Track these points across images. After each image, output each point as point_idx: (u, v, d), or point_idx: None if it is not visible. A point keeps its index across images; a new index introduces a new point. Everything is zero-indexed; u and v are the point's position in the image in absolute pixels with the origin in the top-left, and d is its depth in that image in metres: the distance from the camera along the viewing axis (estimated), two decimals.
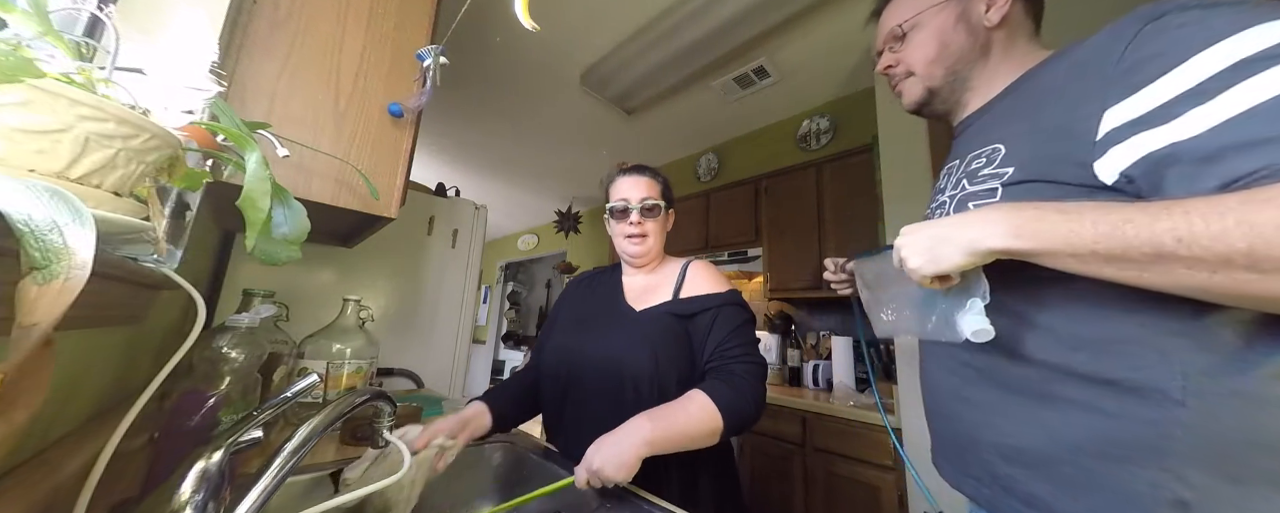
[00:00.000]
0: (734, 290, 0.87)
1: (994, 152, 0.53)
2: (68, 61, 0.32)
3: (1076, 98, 0.46)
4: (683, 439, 0.66)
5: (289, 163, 0.69)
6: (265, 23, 0.75)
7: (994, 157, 0.53)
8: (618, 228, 0.92)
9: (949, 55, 0.61)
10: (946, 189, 0.62)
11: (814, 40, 2.04)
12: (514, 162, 3.65)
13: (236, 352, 0.67)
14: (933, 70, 0.63)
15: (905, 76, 0.66)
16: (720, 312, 0.82)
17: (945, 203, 0.60)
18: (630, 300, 0.91)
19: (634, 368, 0.79)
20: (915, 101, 0.66)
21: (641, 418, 0.66)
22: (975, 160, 0.56)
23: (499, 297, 5.92)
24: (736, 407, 0.70)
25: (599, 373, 0.82)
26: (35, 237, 0.21)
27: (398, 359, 1.57)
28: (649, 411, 0.68)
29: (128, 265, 0.39)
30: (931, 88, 0.64)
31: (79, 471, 0.39)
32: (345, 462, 0.75)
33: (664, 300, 0.86)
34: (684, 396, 0.71)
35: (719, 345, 0.79)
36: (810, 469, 1.72)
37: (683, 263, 0.92)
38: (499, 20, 1.87)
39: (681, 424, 0.66)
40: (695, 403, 0.69)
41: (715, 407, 0.68)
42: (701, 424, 0.67)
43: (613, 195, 0.93)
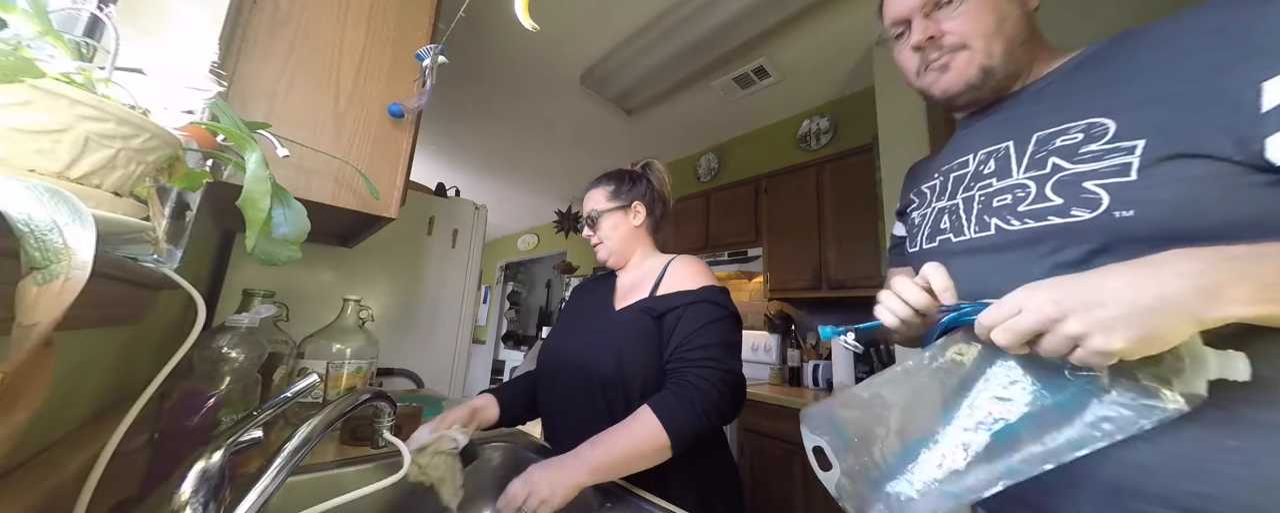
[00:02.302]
0: (711, 287, 0.81)
1: (1093, 127, 0.44)
2: (68, 61, 0.32)
3: (1216, 66, 0.39)
4: (626, 464, 0.65)
5: (289, 163, 0.69)
6: (265, 23, 0.75)
7: (1098, 131, 0.44)
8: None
9: (1007, 30, 0.53)
10: (972, 182, 0.53)
11: (814, 40, 2.04)
12: (514, 162, 3.65)
13: (236, 352, 0.67)
14: (993, 46, 0.53)
15: (955, 49, 0.54)
16: (687, 309, 0.77)
17: (990, 197, 0.50)
18: (616, 300, 0.90)
19: (598, 368, 0.78)
20: (966, 82, 0.54)
21: (585, 447, 0.65)
22: (1056, 139, 0.47)
23: (499, 297, 5.92)
24: (682, 421, 0.66)
25: (568, 373, 0.83)
26: (35, 237, 0.21)
27: (398, 359, 1.57)
28: (595, 437, 0.66)
29: (128, 265, 0.39)
30: (988, 66, 0.53)
31: (79, 471, 0.39)
32: (345, 462, 0.75)
33: (641, 298, 0.84)
34: (632, 414, 0.68)
35: (679, 346, 0.75)
36: (811, 469, 1.72)
37: (667, 259, 0.89)
38: (499, 20, 1.87)
39: (623, 449, 0.65)
40: (639, 422, 0.66)
41: (660, 425, 0.65)
42: (645, 444, 0.65)
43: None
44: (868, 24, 1.91)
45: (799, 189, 2.32)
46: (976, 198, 0.53)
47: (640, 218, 0.94)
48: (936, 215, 0.59)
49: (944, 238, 0.56)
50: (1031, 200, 0.47)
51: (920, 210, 0.63)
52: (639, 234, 0.94)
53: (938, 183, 0.61)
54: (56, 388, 0.41)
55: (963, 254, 0.53)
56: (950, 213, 0.56)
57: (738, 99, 2.55)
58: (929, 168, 0.68)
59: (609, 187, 0.95)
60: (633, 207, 0.94)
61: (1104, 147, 0.43)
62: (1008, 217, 0.48)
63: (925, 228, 0.60)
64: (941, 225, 0.57)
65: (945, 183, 0.59)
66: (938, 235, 0.57)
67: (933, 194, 0.61)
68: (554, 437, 0.89)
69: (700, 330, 0.75)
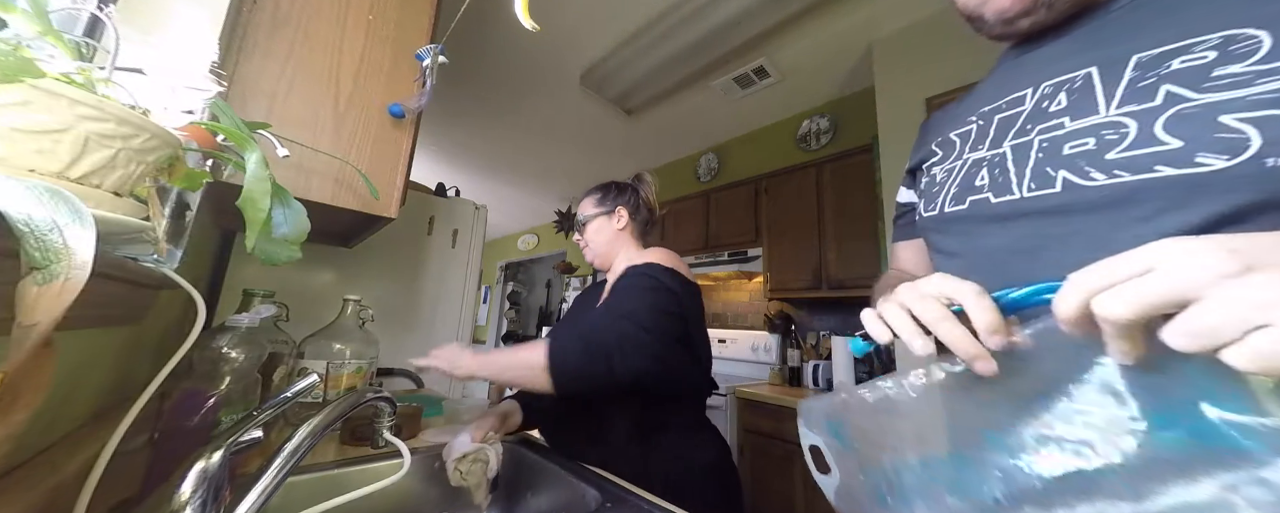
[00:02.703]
0: (652, 263, 0.84)
1: (1233, 40, 0.32)
2: (68, 61, 0.32)
3: None
4: (503, 370, 0.74)
5: (289, 163, 0.69)
6: (265, 23, 0.75)
7: (1244, 47, 0.31)
8: None
9: None
10: (1028, 124, 0.41)
11: (814, 40, 2.04)
12: (514, 162, 3.65)
13: (236, 352, 0.67)
14: None
15: None
16: (621, 282, 0.84)
17: (1058, 142, 0.38)
18: (600, 300, 0.95)
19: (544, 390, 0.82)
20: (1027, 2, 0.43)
21: (493, 350, 0.77)
22: (1172, 60, 0.34)
23: (499, 297, 5.92)
24: (565, 352, 0.70)
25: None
26: (35, 237, 0.20)
27: (398, 359, 1.57)
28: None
29: (128, 265, 0.39)
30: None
31: (79, 471, 0.39)
32: (345, 462, 0.75)
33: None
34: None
35: (601, 310, 0.80)
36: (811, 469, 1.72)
37: (643, 255, 0.92)
38: (499, 20, 1.87)
39: (508, 359, 0.75)
40: (535, 346, 0.72)
41: (544, 350, 0.70)
42: (525, 360, 0.71)
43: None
44: (868, 24, 1.91)
45: (799, 189, 2.32)
46: (1037, 144, 0.40)
47: (623, 222, 0.99)
48: (970, 168, 0.46)
49: (979, 198, 0.44)
50: (1129, 143, 0.34)
51: (945, 164, 0.50)
52: (622, 237, 0.98)
53: (974, 127, 0.48)
54: (56, 388, 0.41)
55: (1007, 221, 0.41)
56: (993, 165, 0.43)
57: (738, 99, 2.55)
58: (959, 112, 0.54)
59: (596, 195, 1.02)
60: (616, 211, 0.99)
61: (1254, 67, 0.30)
62: (1086, 168, 0.36)
63: (951, 186, 0.47)
64: (978, 181, 0.44)
65: (987, 127, 0.46)
66: (969, 195, 0.45)
67: (964, 142, 0.49)
68: (552, 438, 0.89)
69: (623, 294, 0.80)
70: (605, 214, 0.99)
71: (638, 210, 1.00)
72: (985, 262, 0.42)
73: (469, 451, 0.72)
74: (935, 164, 0.53)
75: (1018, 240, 0.40)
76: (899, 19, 1.85)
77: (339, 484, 0.72)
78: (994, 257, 0.41)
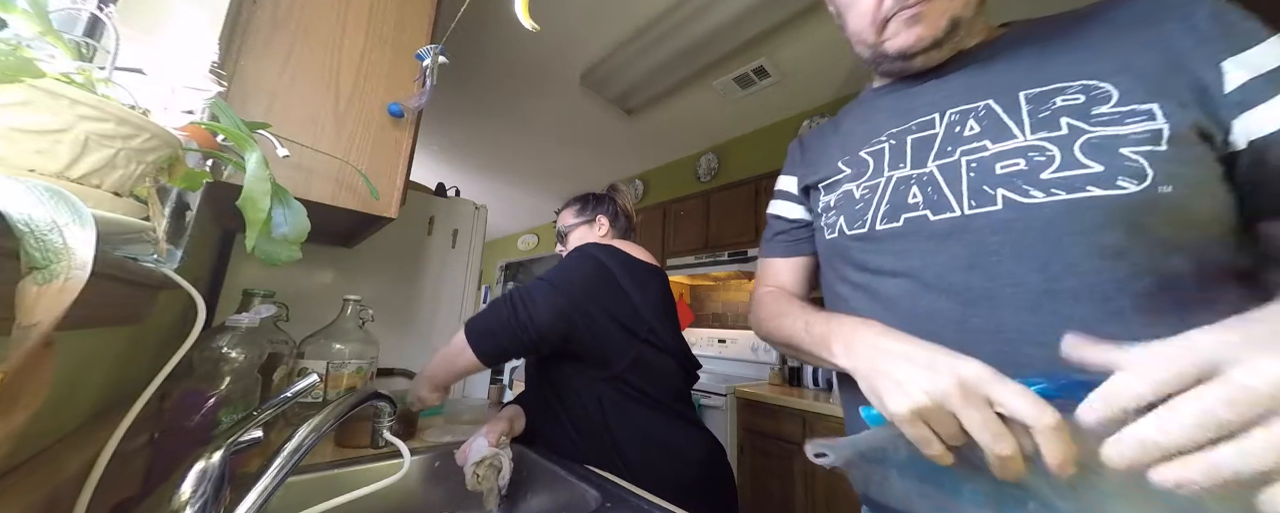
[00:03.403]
0: (592, 242, 0.90)
1: (1091, 89, 0.40)
2: (68, 61, 0.32)
3: (1179, 45, 0.38)
4: (444, 363, 0.78)
5: (289, 163, 0.69)
6: (265, 23, 0.75)
7: (1099, 94, 0.39)
8: None
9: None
10: (949, 146, 0.45)
11: (814, 40, 2.04)
12: (514, 162, 3.65)
13: (236, 352, 0.67)
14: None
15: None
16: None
17: (988, 162, 0.42)
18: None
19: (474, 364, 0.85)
20: (934, 36, 0.48)
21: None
22: (1054, 98, 0.41)
23: None
24: (478, 319, 0.75)
25: (529, 372, 0.95)
26: (35, 237, 0.20)
27: (398, 359, 1.57)
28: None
29: (128, 265, 0.39)
30: (957, 19, 0.47)
31: (79, 471, 0.39)
32: (345, 462, 0.75)
33: None
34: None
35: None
36: (810, 469, 1.72)
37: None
38: (499, 20, 1.87)
39: (440, 356, 0.79)
40: (456, 334, 0.76)
41: (464, 328, 0.75)
42: (453, 343, 0.76)
43: None
44: None
45: None
46: (965, 164, 0.44)
47: (603, 229, 1.03)
48: (898, 186, 0.48)
49: (915, 216, 0.46)
50: (1058, 165, 0.38)
51: (863, 182, 0.52)
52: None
53: (886, 147, 0.51)
54: (56, 388, 0.41)
55: (948, 237, 0.43)
56: (923, 184, 0.46)
57: (738, 99, 2.55)
58: (847, 136, 0.59)
59: (575, 206, 1.06)
60: (596, 220, 1.03)
61: (1116, 109, 0.38)
62: (1024, 186, 0.40)
63: (881, 204, 0.49)
64: (910, 198, 0.47)
65: (901, 148, 0.50)
66: (903, 212, 0.47)
67: (879, 161, 0.51)
68: (536, 437, 0.90)
69: (551, 269, 0.84)
70: (586, 223, 1.03)
71: (616, 218, 1.04)
72: (933, 279, 0.44)
73: (486, 455, 0.74)
74: (846, 182, 0.55)
75: (959, 256, 0.43)
76: None
77: (339, 484, 0.72)
78: (941, 272, 0.43)
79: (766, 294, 0.65)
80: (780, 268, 0.68)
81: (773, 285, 0.67)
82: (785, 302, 0.60)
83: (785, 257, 0.67)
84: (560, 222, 1.06)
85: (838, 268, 0.55)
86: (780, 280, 0.67)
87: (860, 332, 0.43)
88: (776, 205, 0.69)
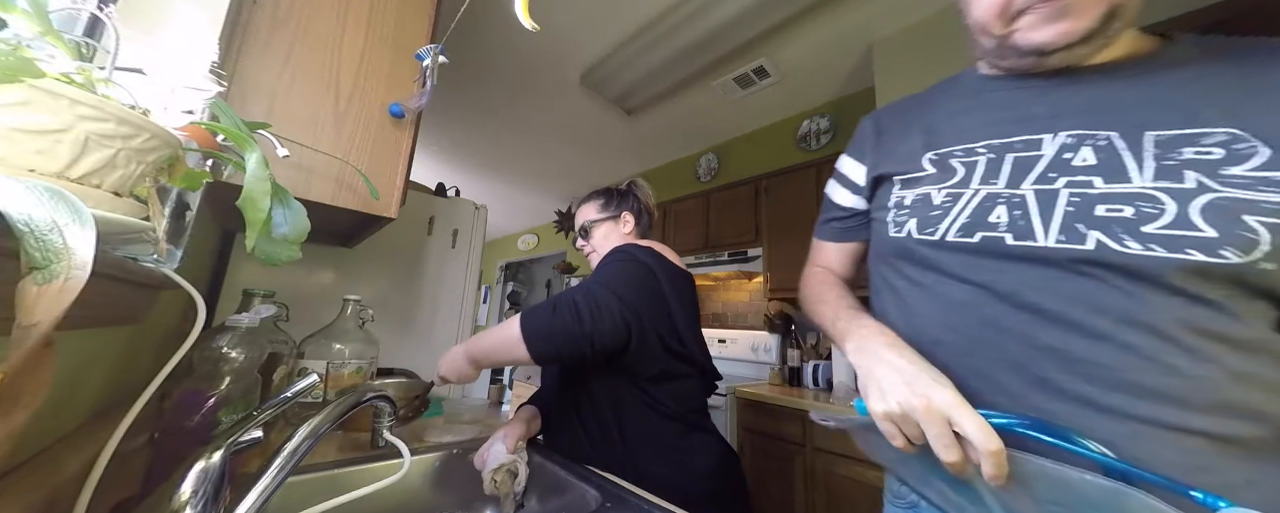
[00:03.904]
0: (624, 245, 0.88)
1: (1237, 141, 0.37)
2: (68, 61, 0.32)
3: None
4: (492, 348, 0.76)
5: (289, 163, 0.69)
6: (265, 22, 0.75)
7: (1244, 150, 0.36)
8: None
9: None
10: (1052, 172, 0.42)
11: (814, 40, 2.04)
12: (514, 162, 3.65)
13: (236, 352, 0.67)
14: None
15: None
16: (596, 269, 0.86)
17: (1090, 201, 0.40)
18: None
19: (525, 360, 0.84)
20: (1083, 30, 0.42)
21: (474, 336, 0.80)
22: (1184, 147, 0.38)
23: (499, 297, 5.92)
24: (533, 314, 0.73)
25: (551, 369, 0.95)
26: (35, 237, 0.20)
27: (398, 359, 1.57)
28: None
29: (128, 265, 0.39)
30: (1115, 8, 0.41)
31: (79, 471, 0.39)
32: (345, 462, 0.75)
33: None
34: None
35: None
36: (810, 469, 1.72)
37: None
38: (499, 20, 1.87)
39: (492, 337, 0.77)
40: (509, 320, 0.75)
41: (517, 319, 0.73)
42: (506, 332, 0.74)
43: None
44: (868, 24, 1.91)
45: (799, 189, 2.32)
46: (1065, 196, 0.41)
47: (629, 227, 1.00)
48: (984, 202, 0.45)
49: (993, 236, 0.44)
50: (1167, 222, 0.36)
51: (947, 188, 0.49)
52: (628, 241, 0.97)
53: (982, 160, 0.48)
54: (56, 388, 0.41)
55: (1026, 263, 0.42)
56: (1012, 205, 0.43)
57: (738, 99, 2.55)
58: (939, 126, 0.54)
59: (599, 200, 1.02)
60: (622, 217, 1.00)
61: (1255, 173, 0.35)
62: (1122, 235, 0.38)
63: (961, 216, 0.46)
64: (991, 217, 0.44)
65: (999, 162, 0.46)
66: (981, 230, 0.45)
67: (971, 172, 0.48)
68: (550, 443, 0.90)
69: (598, 270, 0.83)
70: (611, 219, 0.99)
71: (640, 214, 1.01)
72: (1006, 292, 0.44)
73: (504, 462, 0.75)
74: (927, 184, 0.51)
75: (1033, 278, 0.42)
76: (899, 19, 1.85)
77: (339, 484, 0.72)
78: (1015, 290, 0.43)
79: (813, 275, 0.68)
80: (829, 251, 0.69)
81: (821, 266, 0.70)
82: (827, 288, 0.64)
83: (835, 242, 0.68)
84: (581, 216, 1.02)
85: (896, 264, 0.54)
86: (830, 263, 0.69)
87: (873, 339, 0.47)
88: (834, 190, 0.67)
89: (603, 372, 0.80)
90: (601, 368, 0.79)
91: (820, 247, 0.71)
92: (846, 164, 0.65)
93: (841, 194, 0.66)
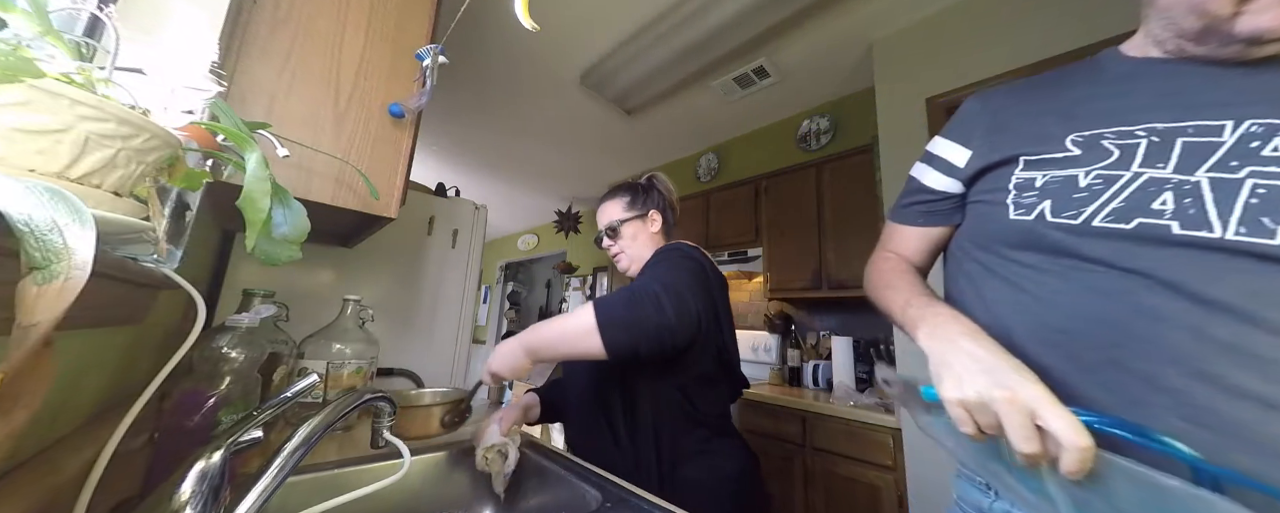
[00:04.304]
0: (676, 243, 0.88)
1: None
2: (68, 61, 0.32)
3: None
4: (557, 339, 0.71)
5: (289, 163, 0.69)
6: (265, 22, 0.75)
7: None
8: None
9: None
10: (1233, 161, 0.40)
11: (814, 40, 2.04)
12: (514, 162, 3.65)
13: (236, 352, 0.67)
14: None
15: None
16: (650, 262, 0.84)
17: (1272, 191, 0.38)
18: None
19: (602, 367, 0.82)
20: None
21: (529, 328, 0.75)
22: None
23: (499, 297, 5.92)
24: (609, 304, 0.69)
25: (578, 378, 0.91)
26: (35, 237, 0.20)
27: (398, 359, 1.57)
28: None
29: (128, 265, 0.39)
30: None
31: (79, 471, 0.39)
32: (345, 462, 0.75)
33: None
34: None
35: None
36: (810, 469, 1.72)
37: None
38: (499, 20, 1.87)
39: (557, 327, 0.72)
40: (579, 308, 0.71)
41: (591, 308, 0.69)
42: (576, 322, 0.69)
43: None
44: (868, 24, 1.91)
45: (799, 189, 2.32)
46: (1249, 186, 0.39)
47: (657, 225, 0.98)
48: (1144, 186, 0.43)
49: (1154, 223, 0.41)
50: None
51: (1091, 170, 0.46)
52: (657, 240, 0.97)
53: (1143, 142, 0.45)
54: (56, 388, 0.41)
55: (1195, 251, 0.40)
56: (1181, 193, 0.41)
57: (738, 99, 2.55)
58: (1080, 108, 0.51)
59: (625, 198, 0.98)
60: (649, 215, 0.97)
61: None
62: None
63: (1114, 199, 0.44)
64: (1155, 204, 0.42)
65: (1166, 147, 0.43)
66: (1139, 216, 0.42)
67: (1128, 154, 0.45)
68: (570, 440, 0.90)
69: (653, 266, 0.81)
70: (639, 218, 0.96)
71: (666, 211, 0.99)
72: (1170, 280, 0.41)
73: (496, 442, 0.77)
74: (1072, 165, 0.47)
75: (1205, 270, 0.39)
76: (899, 19, 1.85)
77: (339, 484, 0.72)
78: (1182, 280, 0.40)
79: (884, 261, 0.66)
80: (909, 237, 0.66)
81: (894, 252, 0.67)
82: (898, 275, 0.61)
83: (919, 226, 0.64)
84: (607, 215, 0.98)
85: (1005, 251, 0.52)
86: (905, 248, 0.66)
87: (948, 325, 0.46)
88: (925, 172, 0.63)
89: (653, 371, 0.78)
90: (654, 367, 0.76)
91: (897, 231, 0.68)
92: (942, 146, 0.62)
93: (933, 176, 0.62)
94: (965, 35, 1.65)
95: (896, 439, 1.52)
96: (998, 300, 0.52)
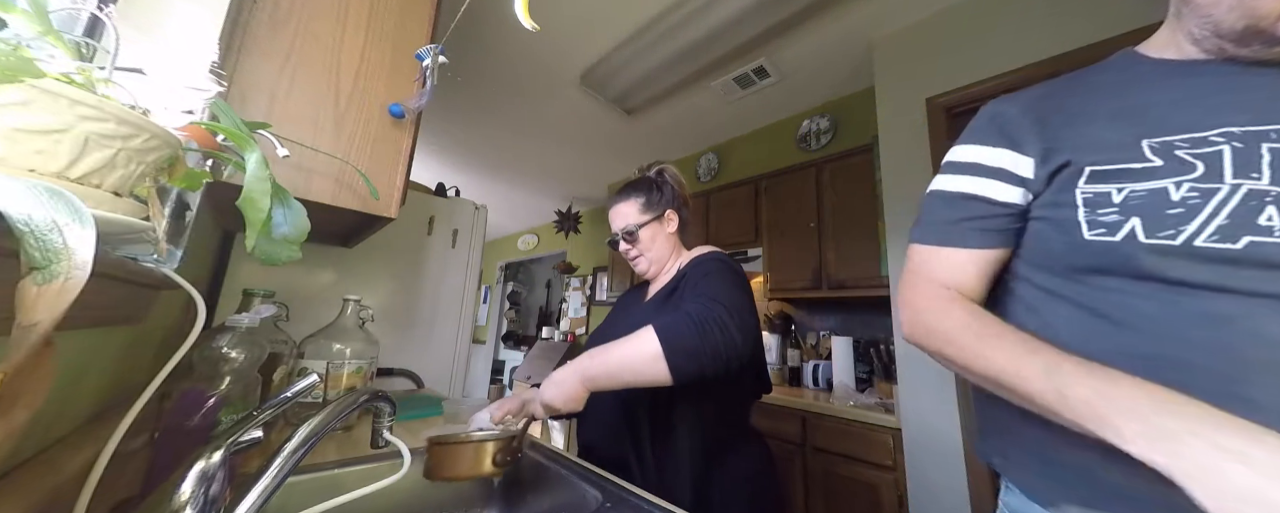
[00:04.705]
0: (709, 252, 0.85)
1: None
2: (68, 61, 0.32)
3: None
4: (619, 368, 0.66)
5: (289, 163, 0.69)
6: (265, 22, 0.75)
7: None
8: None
9: None
10: None
11: (814, 40, 2.04)
12: (514, 162, 3.65)
13: (236, 352, 0.67)
14: None
15: None
16: (688, 273, 0.81)
17: None
18: (646, 297, 0.94)
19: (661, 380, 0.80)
20: None
21: (583, 357, 0.69)
22: None
23: (499, 297, 5.92)
24: (675, 330, 0.65)
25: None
26: (35, 237, 0.20)
27: (398, 359, 1.57)
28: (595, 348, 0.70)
29: (128, 265, 0.39)
30: None
31: (79, 471, 0.39)
32: (345, 462, 0.75)
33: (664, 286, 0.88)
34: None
35: (686, 297, 0.76)
36: (810, 469, 1.72)
37: (693, 254, 0.90)
38: (499, 20, 1.87)
39: (617, 355, 0.67)
40: (637, 334, 0.67)
41: (654, 333, 0.65)
42: (638, 350, 0.65)
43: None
44: (868, 24, 1.91)
45: (799, 189, 2.32)
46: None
47: (674, 225, 0.95)
48: (1245, 200, 0.38)
49: (1265, 243, 0.37)
50: None
51: (1182, 182, 0.41)
52: (675, 240, 0.95)
53: (1225, 149, 0.41)
54: (56, 388, 0.41)
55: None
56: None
57: (738, 99, 2.55)
58: (1143, 112, 0.46)
59: (640, 198, 0.93)
60: (666, 215, 0.94)
61: None
62: None
63: (1216, 217, 0.39)
64: (1262, 220, 0.38)
65: (1252, 153, 0.40)
66: (1247, 233, 0.38)
67: (1214, 164, 0.40)
68: (583, 438, 0.89)
69: (702, 280, 0.76)
70: (657, 219, 0.92)
71: (681, 208, 0.96)
72: (1273, 314, 0.37)
73: (491, 433, 0.75)
74: (1157, 177, 0.42)
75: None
76: (899, 19, 1.85)
77: (339, 484, 0.72)
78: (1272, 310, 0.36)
79: (949, 300, 0.51)
80: (963, 262, 0.53)
81: (946, 283, 0.53)
82: (991, 320, 0.48)
83: (977, 248, 0.53)
84: (622, 218, 0.92)
85: (1080, 277, 0.46)
86: (957, 278, 0.53)
87: (1186, 410, 0.34)
88: (980, 184, 0.53)
89: (698, 388, 0.73)
90: (700, 384, 0.74)
91: (942, 257, 0.54)
92: (994, 156, 0.53)
93: (992, 187, 0.52)
94: (965, 35, 1.65)
95: (896, 439, 1.52)
96: (1070, 330, 0.46)
